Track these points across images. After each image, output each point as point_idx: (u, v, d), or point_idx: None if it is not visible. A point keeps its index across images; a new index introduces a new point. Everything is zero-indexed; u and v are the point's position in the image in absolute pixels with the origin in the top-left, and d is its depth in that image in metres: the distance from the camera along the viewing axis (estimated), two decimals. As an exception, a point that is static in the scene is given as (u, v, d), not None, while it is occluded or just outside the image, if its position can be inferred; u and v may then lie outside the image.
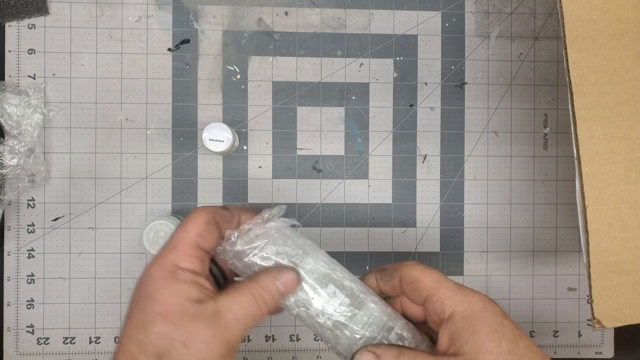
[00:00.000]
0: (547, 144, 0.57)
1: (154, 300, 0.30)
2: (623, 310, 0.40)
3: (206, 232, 0.32)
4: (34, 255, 0.54)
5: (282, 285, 0.32)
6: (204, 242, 0.32)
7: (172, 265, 0.31)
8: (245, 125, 0.55)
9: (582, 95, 0.40)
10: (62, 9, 0.54)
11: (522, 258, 0.57)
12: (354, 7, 0.56)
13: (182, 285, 0.31)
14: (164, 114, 0.55)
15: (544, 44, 0.57)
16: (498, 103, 0.57)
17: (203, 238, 0.32)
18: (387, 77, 0.56)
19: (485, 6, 0.56)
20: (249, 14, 0.55)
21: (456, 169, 0.56)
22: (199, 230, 0.32)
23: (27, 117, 0.52)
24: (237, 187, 0.55)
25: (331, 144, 0.56)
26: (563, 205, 0.57)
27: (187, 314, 0.30)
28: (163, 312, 0.30)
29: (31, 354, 0.54)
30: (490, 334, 0.30)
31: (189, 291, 0.31)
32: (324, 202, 0.56)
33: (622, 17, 0.40)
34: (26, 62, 0.54)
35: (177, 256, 0.31)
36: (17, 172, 0.52)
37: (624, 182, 0.40)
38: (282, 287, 0.32)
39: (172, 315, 0.30)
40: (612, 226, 0.40)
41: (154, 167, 0.55)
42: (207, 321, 0.30)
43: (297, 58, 0.55)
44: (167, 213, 0.55)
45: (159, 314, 0.30)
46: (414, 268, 0.34)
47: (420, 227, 0.56)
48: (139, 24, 0.55)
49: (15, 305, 0.54)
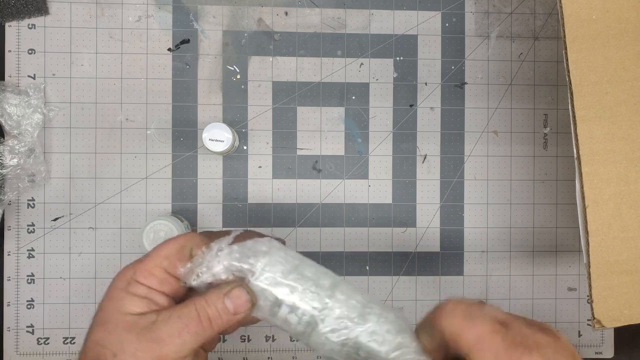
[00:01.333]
0: (547, 144, 0.57)
1: (101, 307, 0.32)
2: (623, 310, 0.40)
3: (174, 257, 0.33)
4: (34, 255, 0.54)
5: (231, 301, 0.31)
6: (169, 265, 0.32)
7: (131, 277, 0.32)
8: (245, 125, 0.55)
9: (582, 95, 0.40)
10: (62, 9, 0.54)
11: (522, 258, 0.57)
12: (354, 7, 0.56)
13: (131, 297, 0.31)
14: (164, 114, 0.55)
15: (544, 44, 0.57)
16: (498, 103, 0.57)
17: (169, 261, 0.32)
18: (387, 77, 0.56)
19: (485, 6, 0.56)
20: (249, 14, 0.55)
21: (456, 169, 0.56)
22: (168, 253, 0.33)
23: (27, 117, 0.52)
24: (237, 187, 0.55)
25: (331, 144, 0.56)
26: (563, 205, 0.57)
27: (123, 323, 0.30)
28: (103, 319, 0.31)
29: (31, 354, 0.54)
30: None
31: (134, 304, 0.31)
32: (324, 202, 0.56)
33: (622, 17, 0.40)
34: (26, 62, 0.54)
35: (139, 270, 0.32)
36: (17, 172, 0.52)
37: (624, 182, 0.40)
38: (230, 304, 0.31)
39: (109, 324, 0.30)
40: (612, 226, 0.40)
41: (154, 167, 0.55)
42: (139, 332, 0.30)
43: (297, 58, 0.56)
44: (167, 213, 0.55)
45: (99, 321, 0.31)
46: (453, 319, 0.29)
47: (420, 227, 0.56)
48: (139, 24, 0.55)
49: (15, 305, 0.54)
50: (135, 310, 0.31)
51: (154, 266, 0.32)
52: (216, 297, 0.31)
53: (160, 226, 0.49)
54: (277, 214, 0.55)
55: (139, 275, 0.32)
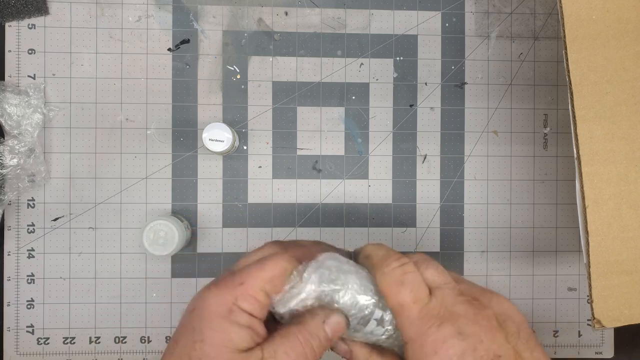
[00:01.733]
0: (547, 144, 0.57)
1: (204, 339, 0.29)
2: (623, 310, 0.40)
3: (278, 281, 0.31)
4: (34, 255, 0.54)
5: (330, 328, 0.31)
6: (272, 289, 0.30)
7: (233, 303, 0.29)
8: (245, 125, 0.55)
9: (582, 95, 0.40)
10: (62, 9, 0.54)
11: (522, 258, 0.57)
12: (354, 7, 0.56)
13: (236, 328, 0.29)
14: (164, 114, 0.55)
15: (544, 44, 0.57)
16: (498, 103, 0.57)
17: (273, 285, 0.30)
18: (387, 77, 0.56)
19: (485, 6, 0.56)
20: (249, 14, 0.55)
21: (456, 169, 0.56)
22: (273, 275, 0.30)
23: (27, 117, 0.52)
24: (237, 187, 0.55)
25: (331, 144, 0.56)
26: (563, 205, 0.57)
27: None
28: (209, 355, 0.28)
29: (31, 354, 0.54)
30: None
31: (240, 336, 0.29)
32: (324, 202, 0.56)
33: (622, 17, 0.40)
34: (26, 62, 0.54)
35: (241, 294, 0.29)
36: (17, 172, 0.52)
37: (624, 182, 0.40)
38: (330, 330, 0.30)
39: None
40: (612, 226, 0.40)
41: (154, 167, 0.55)
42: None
43: (297, 58, 0.56)
44: (167, 213, 0.55)
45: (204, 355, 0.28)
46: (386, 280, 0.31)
47: (420, 227, 0.56)
48: (139, 24, 0.55)
49: (15, 305, 0.54)
50: (243, 345, 0.29)
51: (258, 289, 0.30)
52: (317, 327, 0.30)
53: (160, 226, 0.49)
54: (277, 214, 0.55)
55: (241, 301, 0.29)
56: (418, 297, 0.31)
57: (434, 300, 0.31)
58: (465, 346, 0.29)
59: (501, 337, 0.30)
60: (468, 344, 0.29)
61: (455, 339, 0.29)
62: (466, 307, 0.31)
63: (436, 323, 0.30)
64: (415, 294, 0.31)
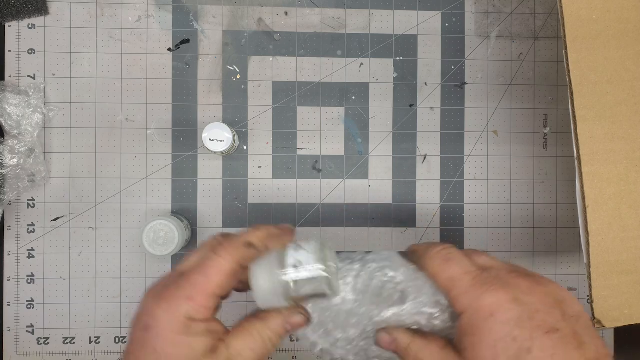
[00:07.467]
0: (547, 144, 0.57)
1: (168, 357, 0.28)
2: (623, 310, 0.40)
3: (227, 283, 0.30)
4: (34, 255, 0.54)
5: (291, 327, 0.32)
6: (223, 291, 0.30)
7: (186, 319, 0.29)
8: (245, 125, 0.55)
9: (582, 95, 0.40)
10: (62, 9, 0.54)
11: (522, 258, 0.57)
12: (354, 7, 0.56)
13: (195, 338, 0.29)
14: (164, 114, 0.55)
15: (544, 44, 0.57)
16: (498, 103, 0.57)
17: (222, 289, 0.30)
18: (387, 77, 0.56)
19: (485, 6, 0.56)
20: (249, 14, 0.55)
21: (456, 169, 0.56)
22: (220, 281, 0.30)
23: (27, 117, 0.52)
24: (237, 187, 0.55)
25: (331, 144, 0.56)
26: (563, 205, 0.57)
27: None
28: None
29: (31, 354, 0.54)
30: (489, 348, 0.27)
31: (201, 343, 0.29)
32: (324, 202, 0.56)
33: (622, 17, 0.40)
34: (26, 62, 0.54)
35: (193, 308, 0.29)
36: (17, 172, 0.52)
37: (624, 182, 0.40)
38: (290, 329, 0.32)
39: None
40: (612, 226, 0.40)
41: (154, 167, 0.55)
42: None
43: (297, 58, 0.55)
44: (167, 213, 0.55)
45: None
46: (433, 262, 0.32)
47: (420, 227, 0.56)
48: (139, 24, 0.55)
49: (15, 305, 0.54)
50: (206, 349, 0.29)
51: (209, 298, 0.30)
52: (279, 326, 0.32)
53: (160, 226, 0.49)
54: (277, 214, 0.55)
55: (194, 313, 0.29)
56: (467, 269, 0.31)
57: (486, 273, 0.30)
58: (522, 312, 0.28)
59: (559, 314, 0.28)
60: (524, 310, 0.28)
61: (511, 304, 0.28)
62: (522, 280, 0.30)
63: (491, 288, 0.29)
64: (463, 267, 0.31)
